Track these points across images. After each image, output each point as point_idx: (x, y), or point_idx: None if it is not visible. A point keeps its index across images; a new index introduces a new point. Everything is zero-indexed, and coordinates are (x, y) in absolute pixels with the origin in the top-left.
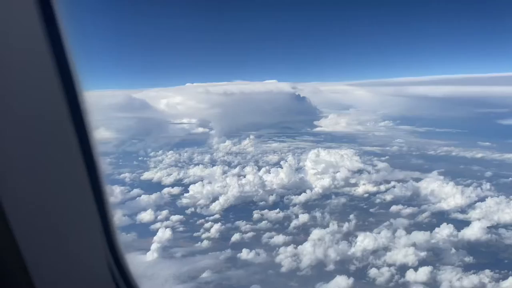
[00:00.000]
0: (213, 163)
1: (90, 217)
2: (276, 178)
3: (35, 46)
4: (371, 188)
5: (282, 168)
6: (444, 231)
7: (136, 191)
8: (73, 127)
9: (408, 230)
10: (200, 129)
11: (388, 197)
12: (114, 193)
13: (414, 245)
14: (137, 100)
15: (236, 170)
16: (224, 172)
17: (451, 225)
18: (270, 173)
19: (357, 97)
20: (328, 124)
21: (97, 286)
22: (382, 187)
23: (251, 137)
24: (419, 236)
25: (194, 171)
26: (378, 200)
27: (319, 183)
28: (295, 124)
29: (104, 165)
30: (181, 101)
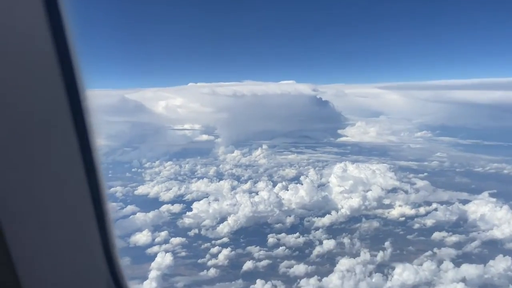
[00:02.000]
0: (219, 176)
1: (88, 226)
2: (295, 196)
3: (38, 43)
4: (409, 210)
5: (301, 184)
6: (500, 264)
7: (129, 208)
8: (75, 129)
9: (456, 262)
10: (204, 137)
11: (429, 221)
12: None
13: (464, 280)
14: (131, 101)
15: (247, 186)
16: (233, 188)
17: (508, 258)
18: (287, 190)
19: (388, 102)
20: (354, 133)
21: None
22: (422, 210)
23: (264, 147)
24: (470, 270)
25: (198, 185)
26: (417, 225)
27: (347, 203)
28: (316, 132)
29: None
30: (183, 103)
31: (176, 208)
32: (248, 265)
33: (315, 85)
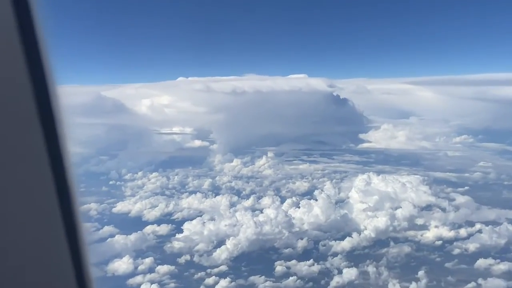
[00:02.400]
0: (216, 190)
1: (56, 250)
2: (308, 214)
3: (5, 38)
4: (447, 232)
5: (316, 200)
6: None
7: (107, 229)
8: (43, 133)
9: None
10: (197, 142)
11: (472, 246)
12: None
13: None
14: (109, 99)
15: (249, 202)
16: (232, 205)
17: None
18: (298, 207)
19: (420, 100)
20: (379, 138)
21: None
22: (463, 232)
23: (270, 154)
24: None
25: (189, 201)
26: (457, 251)
27: (371, 224)
28: (332, 137)
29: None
30: (171, 102)
31: (163, 229)
32: None
33: (332, 79)
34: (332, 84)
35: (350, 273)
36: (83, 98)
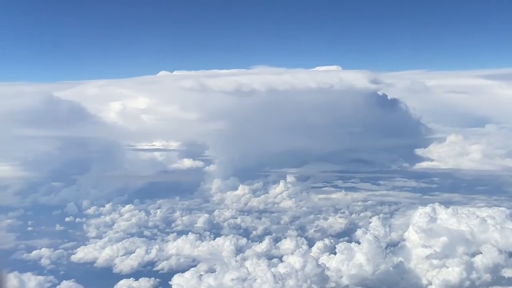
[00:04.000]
0: (214, 230)
1: None
2: (348, 263)
3: None
4: None
5: (357, 243)
6: None
7: (65, 285)
8: None
9: None
10: (187, 162)
11: None
12: None
13: None
14: (64, 102)
15: (262, 246)
16: (239, 250)
17: None
18: (333, 253)
19: (500, 100)
20: (445, 155)
21: None
22: None
23: (290, 179)
24: None
25: (178, 245)
26: None
27: (439, 277)
28: (378, 154)
29: None
30: (150, 105)
31: (144, 285)
32: None
33: (376, 72)
34: (376, 79)
35: None
36: (28, 101)
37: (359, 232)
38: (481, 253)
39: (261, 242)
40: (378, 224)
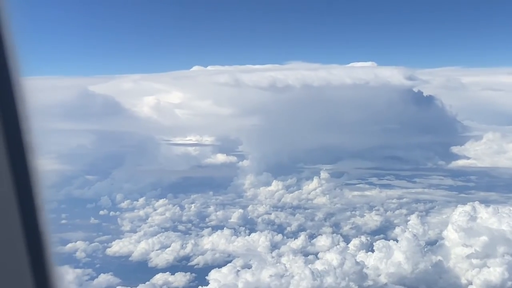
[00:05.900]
0: (249, 225)
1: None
2: (386, 262)
3: None
4: None
5: (395, 241)
6: None
7: (103, 278)
8: (5, 141)
9: None
10: (221, 157)
11: None
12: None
13: None
14: (98, 96)
15: (298, 242)
16: (274, 245)
17: None
18: (371, 250)
19: None
20: (482, 153)
21: None
22: None
23: (324, 175)
24: None
25: (214, 240)
26: None
27: (479, 277)
28: (413, 151)
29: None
30: (184, 100)
31: (180, 279)
32: None
33: (411, 69)
34: (412, 76)
35: None
36: (64, 95)
37: (397, 230)
38: None
39: (296, 238)
40: (417, 222)
